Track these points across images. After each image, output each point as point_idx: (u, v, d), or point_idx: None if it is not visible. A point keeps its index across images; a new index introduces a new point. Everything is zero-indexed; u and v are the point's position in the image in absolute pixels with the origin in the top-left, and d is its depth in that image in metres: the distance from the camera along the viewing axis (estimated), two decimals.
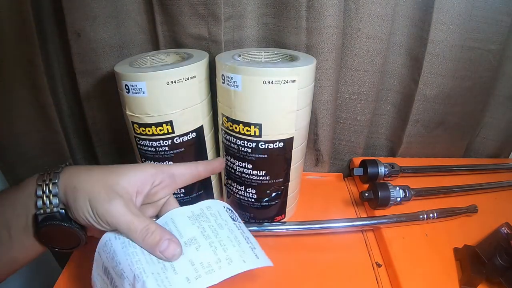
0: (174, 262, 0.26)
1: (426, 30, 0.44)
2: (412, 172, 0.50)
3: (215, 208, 0.31)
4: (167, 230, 0.27)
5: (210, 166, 0.34)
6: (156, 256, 0.26)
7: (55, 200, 0.26)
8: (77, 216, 0.26)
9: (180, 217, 0.30)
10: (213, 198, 0.45)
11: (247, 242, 0.30)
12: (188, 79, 0.34)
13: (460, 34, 0.44)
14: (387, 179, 0.48)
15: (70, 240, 0.28)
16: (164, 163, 0.38)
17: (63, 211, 0.26)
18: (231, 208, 0.34)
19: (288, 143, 0.36)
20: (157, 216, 0.32)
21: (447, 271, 0.36)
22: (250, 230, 0.41)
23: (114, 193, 0.26)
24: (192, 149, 0.38)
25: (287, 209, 0.43)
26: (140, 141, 0.37)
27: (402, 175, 0.49)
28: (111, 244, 0.26)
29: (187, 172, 0.32)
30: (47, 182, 0.26)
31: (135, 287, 0.23)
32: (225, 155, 0.39)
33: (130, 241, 0.26)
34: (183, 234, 0.28)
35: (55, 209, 0.26)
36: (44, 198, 0.26)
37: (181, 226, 0.29)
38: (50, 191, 0.26)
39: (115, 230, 0.26)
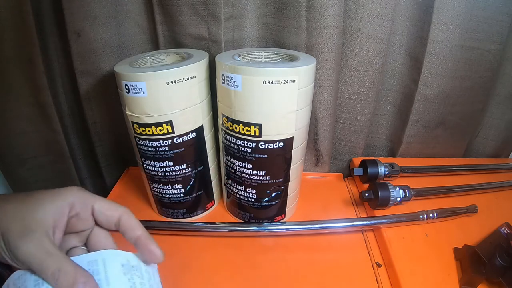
0: None
1: (426, 30, 0.44)
2: (412, 172, 0.50)
3: (152, 267, 0.28)
4: (84, 271, 0.23)
5: (135, 235, 0.27)
6: None
7: None
8: None
9: (113, 261, 0.26)
10: (213, 198, 0.45)
11: None
12: (188, 79, 0.34)
13: (460, 34, 0.44)
14: (387, 179, 0.48)
15: None
16: (164, 163, 0.38)
17: None
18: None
19: (288, 143, 0.36)
20: (86, 245, 0.29)
21: (447, 271, 0.36)
22: (250, 230, 0.41)
23: (27, 228, 0.23)
24: (192, 149, 0.38)
25: (287, 209, 0.43)
26: (140, 141, 0.37)
27: (402, 175, 0.49)
28: (24, 280, 0.23)
29: (105, 215, 0.27)
30: None
31: None
32: (225, 155, 0.39)
33: (44, 281, 0.23)
34: (110, 282, 0.25)
35: None
36: None
37: (111, 272, 0.25)
38: None
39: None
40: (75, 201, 0.26)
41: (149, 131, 0.35)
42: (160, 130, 0.35)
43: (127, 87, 0.33)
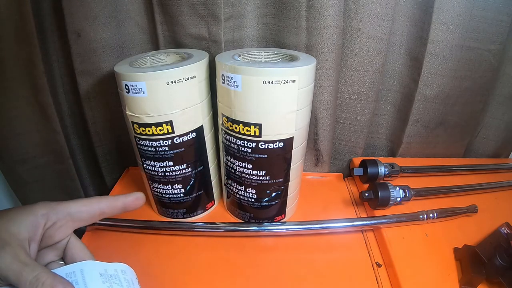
0: None
1: (426, 30, 0.44)
2: (412, 172, 0.50)
3: (130, 275, 0.28)
4: (62, 279, 0.24)
5: (117, 202, 0.30)
6: None
7: None
8: None
9: (91, 271, 0.26)
10: (213, 198, 0.45)
11: None
12: (188, 79, 0.34)
13: (460, 34, 0.44)
14: (387, 179, 0.48)
15: None
16: (164, 163, 0.38)
17: None
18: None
19: (288, 143, 0.36)
20: (63, 260, 0.29)
21: (447, 271, 0.36)
22: (250, 230, 0.41)
23: (2, 241, 0.23)
24: (192, 149, 0.38)
25: (287, 209, 0.43)
26: (140, 141, 0.37)
27: (402, 175, 0.49)
28: None
29: (84, 210, 0.28)
30: None
31: None
32: (225, 155, 0.39)
33: None
34: None
35: None
36: None
37: (90, 281, 0.25)
38: None
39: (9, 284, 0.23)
40: (49, 212, 0.26)
41: (149, 131, 0.35)
42: (160, 130, 0.35)
43: (127, 87, 0.33)
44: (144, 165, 0.39)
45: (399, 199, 0.42)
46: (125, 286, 0.27)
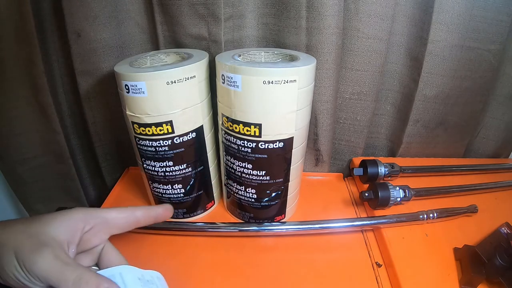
0: None
1: (426, 30, 0.44)
2: (412, 172, 0.50)
3: (164, 283, 0.29)
4: (106, 278, 0.24)
5: (151, 212, 0.31)
6: None
7: None
8: (5, 276, 0.22)
9: (130, 275, 0.27)
10: (213, 198, 0.45)
11: None
12: (188, 79, 0.34)
13: (460, 34, 0.44)
14: (387, 179, 0.48)
15: None
16: (164, 163, 0.38)
17: None
18: None
19: (288, 143, 0.36)
20: (97, 266, 0.29)
21: (447, 271, 0.36)
22: (250, 230, 0.41)
23: (42, 243, 0.23)
24: (192, 149, 0.38)
25: (287, 209, 0.43)
26: (140, 141, 0.37)
27: (402, 175, 0.49)
28: None
29: (121, 217, 0.29)
30: None
31: None
32: (225, 155, 0.39)
33: None
34: None
35: None
36: None
37: (130, 284, 0.26)
38: None
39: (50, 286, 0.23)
40: (88, 217, 0.27)
41: (149, 131, 0.35)
42: (160, 130, 0.35)
43: (127, 87, 0.33)
44: (144, 165, 0.39)
45: (399, 199, 0.42)
46: None
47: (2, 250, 0.22)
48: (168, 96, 0.34)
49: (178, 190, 0.40)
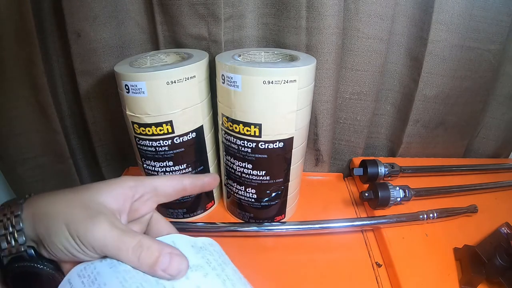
0: (177, 283, 0.21)
1: (426, 30, 0.44)
2: (412, 172, 0.50)
3: (218, 247, 0.28)
4: (166, 244, 0.23)
5: (198, 181, 0.29)
6: (157, 277, 0.21)
7: (21, 238, 0.21)
8: (54, 249, 0.21)
9: (183, 242, 0.26)
10: (213, 198, 0.45)
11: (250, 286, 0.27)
12: (188, 79, 0.34)
13: (460, 34, 0.44)
14: (387, 179, 0.48)
15: (43, 285, 0.23)
16: (164, 163, 0.38)
17: (32, 250, 0.22)
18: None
19: (288, 143, 0.36)
20: (147, 234, 0.28)
21: (447, 271, 0.36)
22: (250, 230, 0.41)
23: (95, 211, 0.22)
24: (192, 149, 0.38)
25: (287, 209, 0.43)
26: (140, 141, 0.37)
27: (402, 175, 0.49)
28: (94, 267, 0.21)
29: (169, 185, 0.28)
30: (9, 216, 0.21)
31: None
32: (225, 155, 0.39)
33: (120, 262, 0.21)
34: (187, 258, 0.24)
35: (22, 248, 0.21)
36: (8, 236, 0.21)
37: (185, 251, 0.24)
38: (13, 226, 0.21)
39: (104, 256, 0.22)
40: (137, 185, 0.26)
41: (149, 131, 0.35)
42: (160, 130, 0.35)
43: (127, 87, 0.33)
44: (144, 165, 0.39)
45: (399, 199, 0.42)
46: (216, 256, 0.27)
47: (51, 221, 0.21)
48: (168, 96, 0.34)
49: None
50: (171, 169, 0.38)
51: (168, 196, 0.28)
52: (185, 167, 0.39)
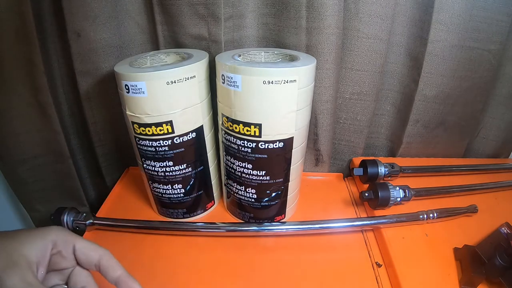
0: None
1: (426, 30, 0.44)
2: (412, 172, 0.50)
3: None
4: None
5: (113, 274, 0.27)
6: None
7: None
8: None
9: None
10: (213, 198, 0.45)
11: None
12: (188, 79, 0.34)
13: (460, 34, 0.44)
14: (387, 179, 0.48)
15: None
16: (164, 163, 0.38)
17: None
18: None
19: (288, 143, 0.36)
20: (67, 284, 0.29)
21: (447, 271, 0.36)
22: (250, 230, 0.41)
23: (11, 261, 0.23)
24: (192, 149, 0.38)
25: (287, 209, 0.43)
26: (140, 141, 0.37)
27: (402, 175, 0.49)
28: None
29: (85, 252, 0.28)
30: None
31: None
32: (225, 155, 0.39)
33: None
34: None
35: None
36: None
37: None
38: None
39: None
40: (57, 240, 0.27)
41: (149, 131, 0.35)
42: (160, 130, 0.35)
43: (127, 87, 0.33)
44: (144, 165, 0.39)
45: (399, 199, 0.42)
46: None
47: None
48: (168, 96, 0.34)
49: (178, 190, 0.40)
50: (171, 169, 0.38)
51: (82, 261, 0.28)
52: (185, 167, 0.39)
